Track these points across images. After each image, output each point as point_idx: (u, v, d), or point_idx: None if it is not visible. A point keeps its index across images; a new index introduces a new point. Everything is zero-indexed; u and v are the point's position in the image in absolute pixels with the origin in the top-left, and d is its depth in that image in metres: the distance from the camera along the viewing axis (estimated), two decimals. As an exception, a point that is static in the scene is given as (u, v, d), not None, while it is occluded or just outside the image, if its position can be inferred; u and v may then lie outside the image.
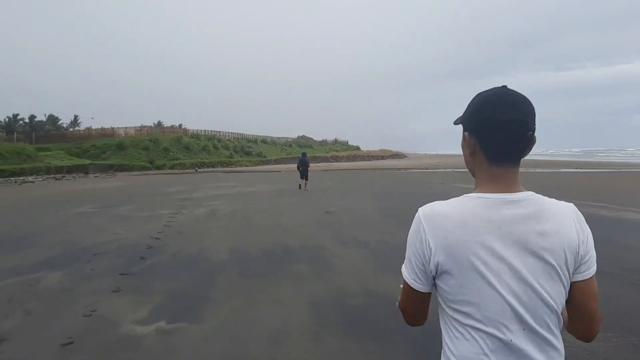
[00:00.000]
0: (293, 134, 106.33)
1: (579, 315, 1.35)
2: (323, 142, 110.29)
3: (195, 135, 71.66)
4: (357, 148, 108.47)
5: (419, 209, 1.40)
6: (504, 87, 1.36)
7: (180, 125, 78.74)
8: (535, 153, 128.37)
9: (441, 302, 1.39)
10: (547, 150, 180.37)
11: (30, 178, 41.41)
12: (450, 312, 1.35)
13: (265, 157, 74.60)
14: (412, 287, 1.40)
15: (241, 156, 71.72)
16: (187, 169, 56.12)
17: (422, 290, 1.39)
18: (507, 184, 1.34)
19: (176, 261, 7.63)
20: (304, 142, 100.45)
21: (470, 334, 1.30)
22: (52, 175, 44.55)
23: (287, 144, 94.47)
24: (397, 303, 1.50)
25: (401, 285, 1.47)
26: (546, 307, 1.27)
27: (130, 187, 27.42)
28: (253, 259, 7.74)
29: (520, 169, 1.39)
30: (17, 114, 76.61)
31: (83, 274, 6.95)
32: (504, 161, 1.35)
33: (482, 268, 1.27)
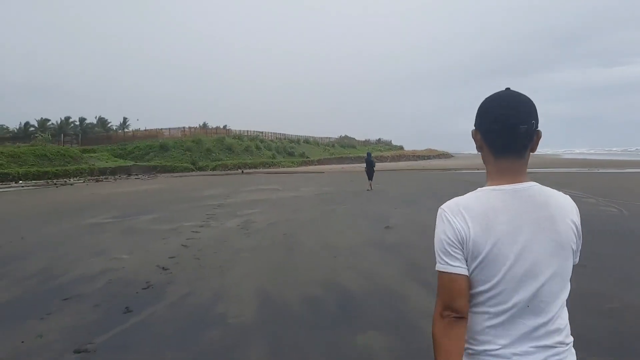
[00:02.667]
0: (335, 134, 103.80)
1: None
2: (366, 142, 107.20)
3: (238, 136, 70.19)
4: (401, 148, 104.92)
5: (443, 206, 1.49)
6: (507, 89, 1.51)
7: (224, 127, 77.52)
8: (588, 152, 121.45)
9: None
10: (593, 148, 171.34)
11: (72, 180, 40.66)
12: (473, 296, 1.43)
13: (307, 157, 72.38)
14: (454, 274, 1.41)
15: (284, 157, 69.82)
16: (229, 169, 54.80)
17: (464, 274, 1.41)
18: (514, 175, 1.47)
19: (175, 320, 5.01)
20: (346, 142, 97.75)
21: (483, 311, 1.41)
22: (95, 177, 43.72)
23: (330, 144, 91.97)
24: (434, 323, 1.43)
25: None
26: (559, 283, 1.42)
27: (164, 191, 25.44)
28: (292, 316, 5.03)
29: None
30: (69, 117, 77.12)
31: (18, 347, 4.45)
32: (506, 153, 1.47)
33: (502, 251, 1.37)
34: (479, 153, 1.59)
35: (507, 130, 1.42)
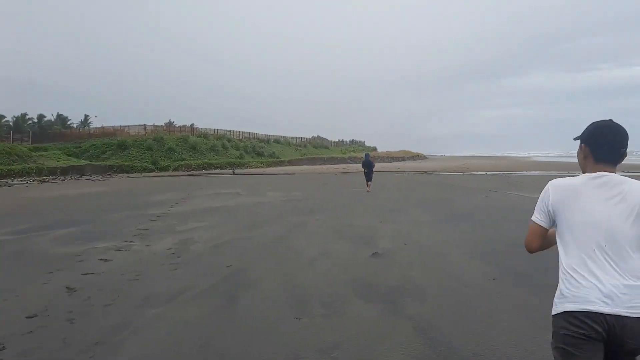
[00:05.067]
0: (307, 134, 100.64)
1: None
2: (339, 143, 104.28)
3: (203, 135, 66.39)
4: (374, 149, 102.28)
5: (550, 183, 2.28)
6: (610, 120, 2.28)
7: (192, 125, 73.50)
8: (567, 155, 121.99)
9: (560, 236, 2.24)
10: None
11: (15, 180, 36.57)
12: (564, 243, 2.21)
13: (278, 158, 69.11)
14: (536, 224, 2.30)
15: (252, 157, 66.40)
16: (193, 170, 51.28)
17: (542, 225, 2.29)
18: (609, 173, 2.19)
19: None
20: (319, 143, 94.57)
21: (571, 254, 2.16)
22: (41, 178, 39.62)
23: (302, 144, 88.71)
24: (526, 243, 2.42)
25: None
26: (626, 237, 2.06)
27: (109, 194, 22.01)
28: None
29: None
30: (26, 113, 72.11)
31: None
32: (605, 163, 2.21)
33: (586, 216, 2.13)
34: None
35: (613, 149, 2.22)
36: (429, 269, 6.58)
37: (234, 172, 46.96)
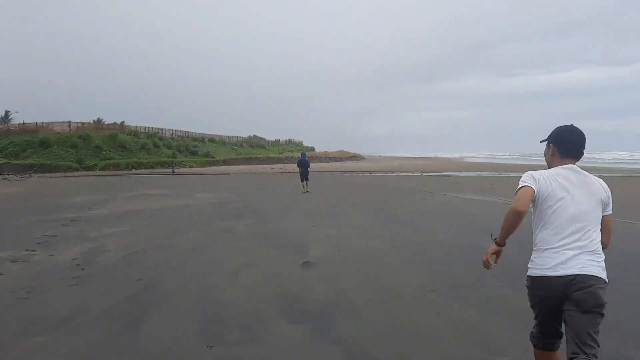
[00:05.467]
0: (244, 134, 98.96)
1: (604, 232, 2.72)
2: (276, 142, 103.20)
3: (134, 133, 63.60)
4: (312, 149, 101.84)
5: (529, 172, 2.81)
6: (572, 124, 2.85)
7: (122, 123, 70.10)
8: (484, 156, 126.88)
9: (535, 213, 2.80)
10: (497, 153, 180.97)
11: None
12: (540, 218, 2.76)
13: (213, 157, 67.27)
14: (529, 186, 2.71)
15: (186, 156, 64.22)
16: (121, 169, 48.88)
17: (533, 187, 2.70)
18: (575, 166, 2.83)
19: None
20: (255, 142, 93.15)
21: (545, 227, 2.72)
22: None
23: (238, 143, 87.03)
24: (514, 205, 2.73)
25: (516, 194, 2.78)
26: (591, 218, 2.67)
27: (22, 196, 20.29)
28: None
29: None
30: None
31: None
32: (569, 159, 2.80)
33: (562, 197, 2.68)
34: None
35: (576, 148, 2.81)
36: (363, 280, 6.02)
37: (173, 171, 44.91)
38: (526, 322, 4.31)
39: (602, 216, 2.72)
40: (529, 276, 2.76)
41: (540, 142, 2.98)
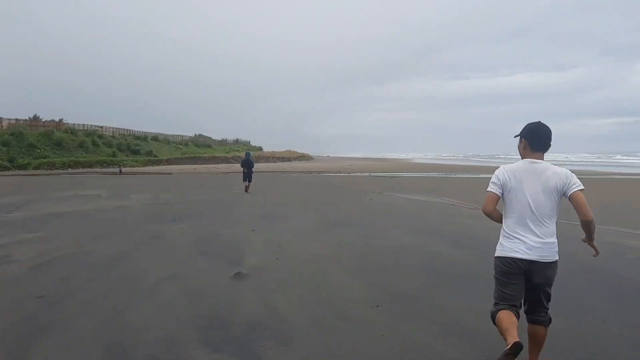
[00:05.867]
0: (190, 133, 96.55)
1: (577, 208, 3.06)
2: (223, 142, 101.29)
3: (71, 131, 60.56)
4: (260, 148, 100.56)
5: (501, 166, 3.36)
6: (539, 121, 3.29)
7: (61, 120, 66.53)
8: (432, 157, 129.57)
9: (504, 203, 3.29)
10: (441, 154, 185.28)
11: None
12: (506, 209, 3.26)
13: (156, 156, 65.01)
14: (493, 192, 3.27)
15: (127, 155, 61.77)
16: (57, 168, 46.30)
17: (497, 193, 3.26)
18: (539, 159, 3.23)
19: None
20: (201, 141, 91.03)
21: (509, 217, 3.22)
22: None
23: (183, 142, 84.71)
24: (484, 208, 3.33)
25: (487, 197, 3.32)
26: (545, 208, 3.14)
27: None
28: None
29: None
30: None
31: None
32: (539, 151, 3.24)
33: (518, 191, 3.19)
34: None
35: (543, 141, 3.25)
36: (301, 294, 5.34)
37: (120, 171, 42.60)
38: (483, 346, 3.81)
39: (570, 196, 3.08)
40: (496, 257, 3.33)
41: (514, 137, 3.45)
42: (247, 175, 20.24)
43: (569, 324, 4.39)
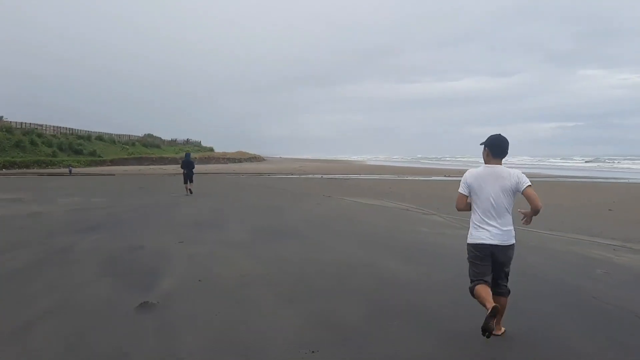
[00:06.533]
0: (140, 132, 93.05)
1: (529, 201, 3.89)
2: (172, 142, 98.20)
3: (7, 129, 56.89)
4: (211, 149, 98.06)
5: (466, 172, 4.29)
6: (499, 134, 4.19)
7: (1, 118, 62.46)
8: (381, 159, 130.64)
9: (472, 201, 4.15)
10: (392, 156, 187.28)
11: None
12: (473, 205, 4.11)
13: (100, 156, 62.02)
14: (462, 194, 4.14)
15: (69, 155, 58.62)
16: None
17: (465, 194, 4.13)
18: (497, 164, 4.10)
19: None
20: (150, 141, 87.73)
21: (476, 212, 4.07)
22: None
23: (130, 142, 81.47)
24: (456, 205, 4.27)
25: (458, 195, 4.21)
26: (503, 203, 3.97)
27: None
28: None
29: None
30: None
31: None
32: (497, 158, 4.10)
33: (483, 190, 4.02)
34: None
35: (501, 150, 4.10)
36: (217, 334, 4.19)
37: (70, 172, 39.54)
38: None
39: (522, 191, 3.93)
40: (468, 244, 4.14)
41: (480, 144, 4.28)
42: (188, 177, 19.51)
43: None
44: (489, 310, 3.59)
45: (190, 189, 19.23)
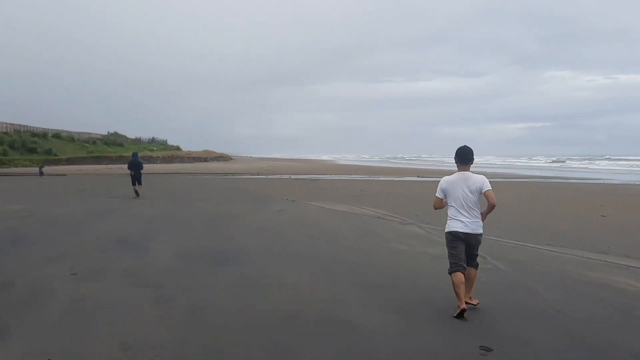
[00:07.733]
0: (104, 130, 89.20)
1: (488, 199, 4.98)
2: (136, 141, 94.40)
3: (-51, 126, 53.03)
4: (178, 148, 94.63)
5: (442, 179, 5.41)
6: (465, 145, 5.30)
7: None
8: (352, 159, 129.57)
9: (447, 199, 5.22)
10: (360, 155, 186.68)
11: None
12: (449, 203, 5.17)
13: (56, 155, 58.41)
14: (438, 197, 5.24)
15: (21, 153, 55.05)
16: None
17: (441, 197, 5.22)
18: (464, 171, 5.16)
19: None
20: (113, 140, 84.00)
21: (451, 208, 5.14)
22: None
23: (91, 140, 77.73)
24: (433, 205, 5.38)
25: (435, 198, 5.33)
26: (470, 200, 5.02)
27: None
28: None
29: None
30: None
31: None
32: (464, 165, 5.17)
33: (455, 192, 5.09)
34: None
35: (467, 158, 5.17)
36: None
37: (41, 172, 35.56)
38: None
39: (483, 193, 4.95)
40: (446, 232, 5.15)
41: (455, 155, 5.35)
42: (136, 178, 18.27)
43: None
44: (459, 311, 4.71)
45: (137, 191, 17.83)
